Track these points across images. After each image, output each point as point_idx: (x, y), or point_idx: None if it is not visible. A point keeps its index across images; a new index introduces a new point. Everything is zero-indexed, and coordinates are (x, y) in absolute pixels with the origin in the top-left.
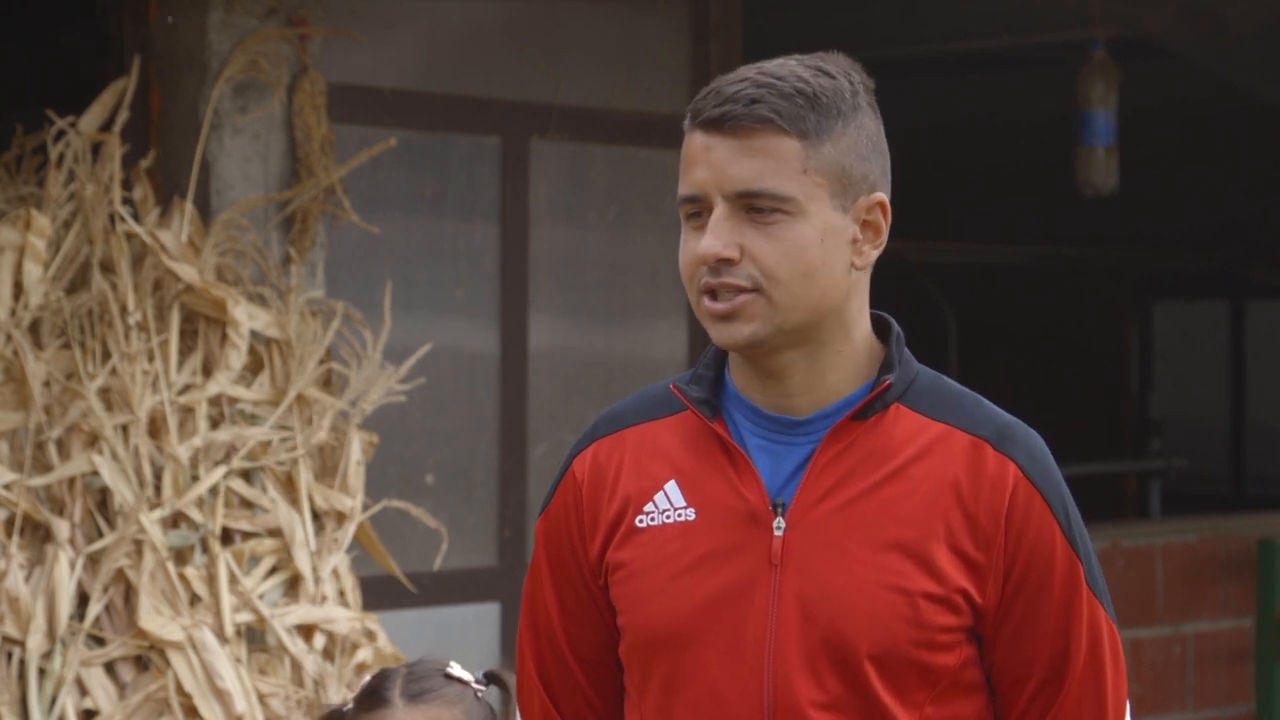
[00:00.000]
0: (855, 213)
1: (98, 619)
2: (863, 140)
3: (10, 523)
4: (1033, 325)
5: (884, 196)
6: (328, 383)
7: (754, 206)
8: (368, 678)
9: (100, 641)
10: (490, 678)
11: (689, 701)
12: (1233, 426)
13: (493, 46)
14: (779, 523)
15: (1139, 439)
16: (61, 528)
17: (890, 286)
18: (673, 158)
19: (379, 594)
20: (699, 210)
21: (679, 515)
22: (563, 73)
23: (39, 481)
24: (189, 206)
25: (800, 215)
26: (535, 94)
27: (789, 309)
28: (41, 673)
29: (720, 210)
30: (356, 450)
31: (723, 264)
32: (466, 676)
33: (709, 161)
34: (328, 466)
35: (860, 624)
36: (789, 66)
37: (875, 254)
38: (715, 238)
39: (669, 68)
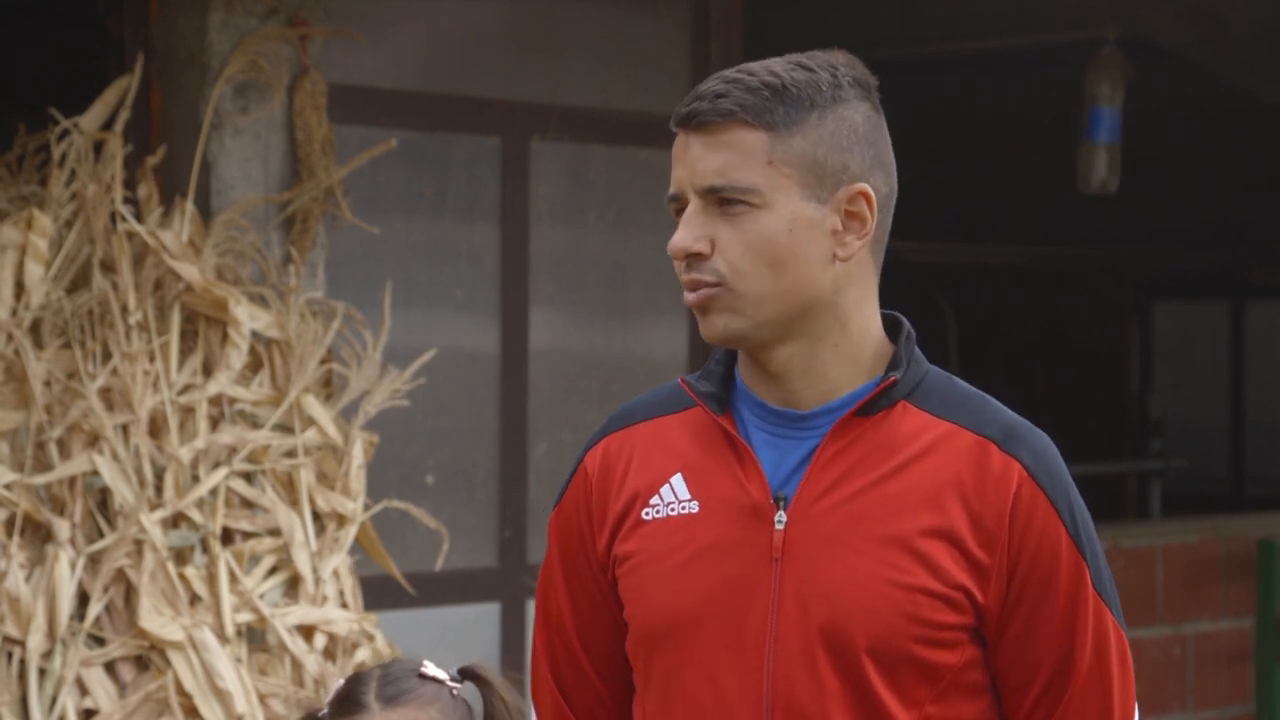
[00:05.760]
0: (835, 203)
1: (98, 619)
2: (843, 131)
3: (10, 522)
4: (1033, 325)
5: (867, 187)
6: (328, 383)
7: (722, 199)
8: (340, 682)
9: (100, 641)
10: (465, 674)
11: (688, 694)
12: (1233, 426)
13: (493, 46)
14: (780, 516)
15: (1139, 439)
16: (62, 527)
17: (890, 286)
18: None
19: (380, 594)
20: (681, 208)
21: (683, 508)
22: (563, 73)
23: (40, 481)
24: (189, 206)
25: (765, 207)
26: (535, 94)
27: (758, 301)
28: (42, 672)
29: (692, 206)
30: (358, 453)
31: (693, 259)
32: (441, 675)
33: (684, 159)
34: (327, 468)
35: (857, 617)
36: (765, 62)
37: (860, 244)
38: (685, 232)
39: (669, 68)
